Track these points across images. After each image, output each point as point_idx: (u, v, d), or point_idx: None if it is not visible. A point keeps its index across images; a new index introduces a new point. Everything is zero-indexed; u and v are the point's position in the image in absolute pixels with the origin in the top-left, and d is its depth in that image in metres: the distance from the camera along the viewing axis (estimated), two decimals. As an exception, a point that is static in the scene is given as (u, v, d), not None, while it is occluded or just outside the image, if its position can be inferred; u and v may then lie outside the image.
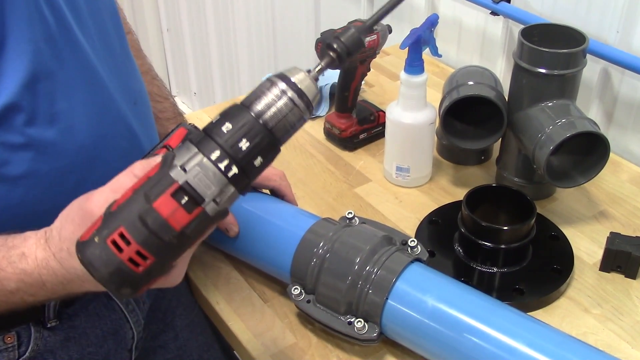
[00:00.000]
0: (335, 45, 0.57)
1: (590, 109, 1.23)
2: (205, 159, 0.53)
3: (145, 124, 0.83)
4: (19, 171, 0.68)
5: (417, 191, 1.11)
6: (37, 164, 0.69)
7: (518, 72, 1.00)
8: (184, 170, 0.53)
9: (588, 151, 0.97)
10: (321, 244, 0.82)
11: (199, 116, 1.32)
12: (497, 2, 1.30)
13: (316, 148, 1.21)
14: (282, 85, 0.54)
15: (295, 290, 0.83)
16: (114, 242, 0.52)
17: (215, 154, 0.52)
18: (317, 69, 0.57)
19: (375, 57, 1.18)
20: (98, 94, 0.74)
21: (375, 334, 0.78)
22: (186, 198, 0.52)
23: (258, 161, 0.54)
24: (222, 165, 0.52)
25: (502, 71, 1.39)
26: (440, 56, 1.08)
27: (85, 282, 0.59)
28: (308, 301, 0.83)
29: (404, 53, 1.02)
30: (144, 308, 0.91)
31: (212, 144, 0.53)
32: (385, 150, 1.13)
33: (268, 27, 2.25)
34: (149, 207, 0.52)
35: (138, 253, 0.52)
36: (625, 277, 0.93)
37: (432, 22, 1.03)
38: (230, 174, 0.53)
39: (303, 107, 0.55)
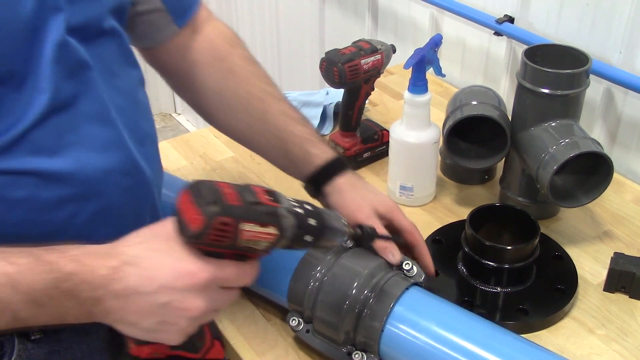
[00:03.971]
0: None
1: (594, 129, 1.23)
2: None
3: (152, 164, 0.82)
4: (20, 195, 0.68)
5: (420, 210, 1.11)
6: (38, 190, 0.69)
7: (521, 92, 1.00)
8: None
9: (592, 171, 0.97)
10: (319, 268, 0.82)
11: (204, 134, 1.32)
12: (501, 23, 1.31)
13: (320, 166, 1.21)
14: None
15: (294, 322, 0.83)
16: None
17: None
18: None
19: (379, 77, 1.18)
20: (106, 130, 0.74)
21: None
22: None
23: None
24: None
25: (506, 91, 1.39)
26: (443, 76, 1.09)
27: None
28: (307, 331, 0.83)
29: (408, 72, 1.03)
30: None
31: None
32: (389, 169, 1.13)
33: (273, 47, 2.27)
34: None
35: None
36: (630, 297, 0.92)
37: (435, 42, 1.04)
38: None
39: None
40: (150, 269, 0.61)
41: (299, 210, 0.63)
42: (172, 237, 0.62)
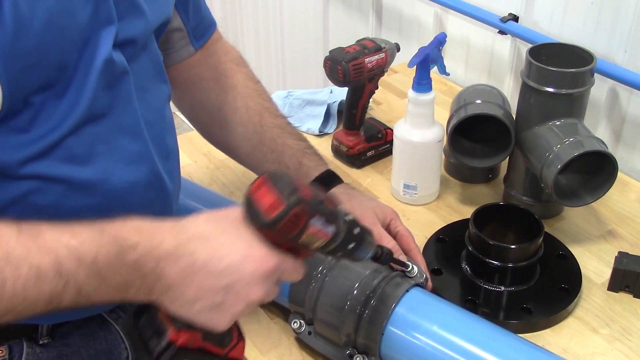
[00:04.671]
0: None
1: (598, 128, 1.23)
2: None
3: (173, 179, 0.83)
4: (46, 202, 0.69)
5: (424, 209, 1.11)
6: (64, 199, 0.70)
7: (526, 91, 1.00)
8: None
9: (596, 170, 0.97)
10: (320, 268, 0.82)
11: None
12: (505, 22, 1.31)
13: (324, 165, 1.22)
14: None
15: (295, 324, 0.83)
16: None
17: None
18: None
19: (383, 75, 1.18)
20: (136, 142, 0.75)
21: None
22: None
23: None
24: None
25: (510, 90, 1.39)
26: (448, 75, 1.09)
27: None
28: (309, 333, 0.83)
29: (412, 71, 1.03)
30: None
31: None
32: (393, 168, 1.13)
33: (277, 45, 2.27)
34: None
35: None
36: (634, 297, 0.92)
37: (440, 40, 1.03)
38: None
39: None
40: (219, 248, 0.60)
41: (349, 218, 0.64)
42: (239, 221, 0.61)
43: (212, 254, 0.59)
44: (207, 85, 0.98)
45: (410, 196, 1.11)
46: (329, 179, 0.95)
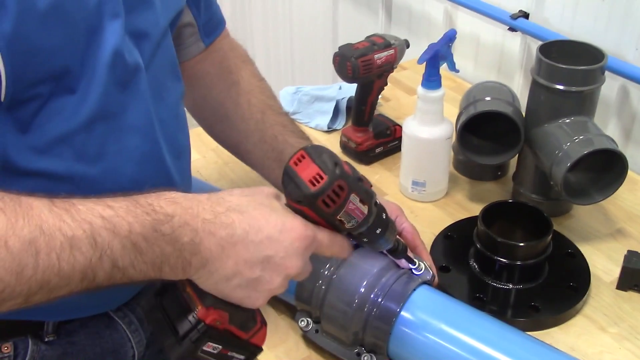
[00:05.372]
0: None
1: (608, 126, 1.23)
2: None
3: (184, 178, 0.83)
4: None
5: (432, 206, 1.11)
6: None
7: (536, 89, 1.00)
8: None
9: (606, 168, 0.97)
10: (327, 266, 0.82)
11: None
12: (515, 19, 1.30)
13: (332, 161, 1.21)
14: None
15: (302, 323, 0.83)
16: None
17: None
18: None
19: (392, 72, 1.18)
20: (147, 142, 0.75)
21: None
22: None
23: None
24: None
25: (520, 87, 1.39)
26: (457, 71, 1.08)
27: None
28: (316, 331, 0.83)
29: (421, 68, 1.03)
30: (147, 328, 0.89)
31: None
32: (402, 165, 1.13)
33: (286, 41, 2.27)
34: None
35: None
36: (643, 296, 0.92)
37: (450, 37, 1.03)
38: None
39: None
40: (258, 219, 0.59)
41: (379, 202, 0.64)
42: (273, 196, 0.61)
43: (250, 225, 0.59)
44: (211, 81, 0.98)
45: (419, 193, 1.11)
46: None
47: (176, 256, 0.57)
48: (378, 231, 0.65)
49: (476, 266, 0.95)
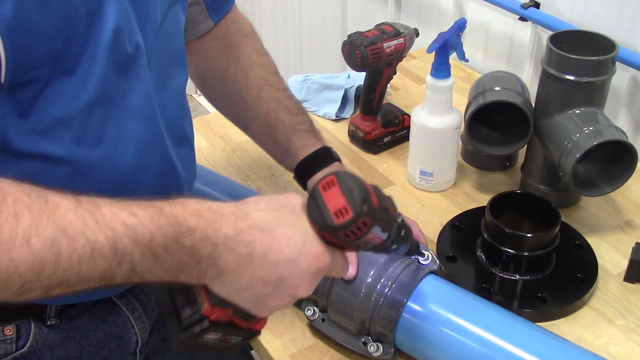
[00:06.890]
0: None
1: (619, 117, 1.22)
2: None
3: (187, 166, 0.83)
4: (52, 185, 0.69)
5: (440, 196, 1.11)
6: (71, 182, 0.69)
7: (546, 79, 0.99)
8: None
9: (615, 160, 0.96)
10: None
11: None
12: (526, 8, 1.29)
13: (340, 150, 1.21)
14: None
15: (309, 312, 0.84)
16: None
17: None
18: None
19: (401, 60, 1.18)
20: (148, 127, 0.74)
21: (389, 355, 0.78)
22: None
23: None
24: None
25: (529, 77, 1.38)
26: (467, 61, 1.08)
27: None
28: (323, 320, 0.83)
29: (431, 57, 1.02)
30: (151, 315, 0.90)
31: None
32: (410, 154, 1.12)
33: (295, 29, 2.26)
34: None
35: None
36: (650, 288, 0.92)
37: (459, 26, 1.03)
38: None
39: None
40: (279, 240, 0.59)
41: (400, 220, 0.64)
42: (299, 212, 0.60)
43: (270, 245, 0.59)
44: (211, 55, 0.98)
45: (427, 183, 1.10)
46: (320, 159, 0.93)
47: (193, 266, 0.58)
48: (394, 247, 0.65)
49: (483, 256, 0.95)
